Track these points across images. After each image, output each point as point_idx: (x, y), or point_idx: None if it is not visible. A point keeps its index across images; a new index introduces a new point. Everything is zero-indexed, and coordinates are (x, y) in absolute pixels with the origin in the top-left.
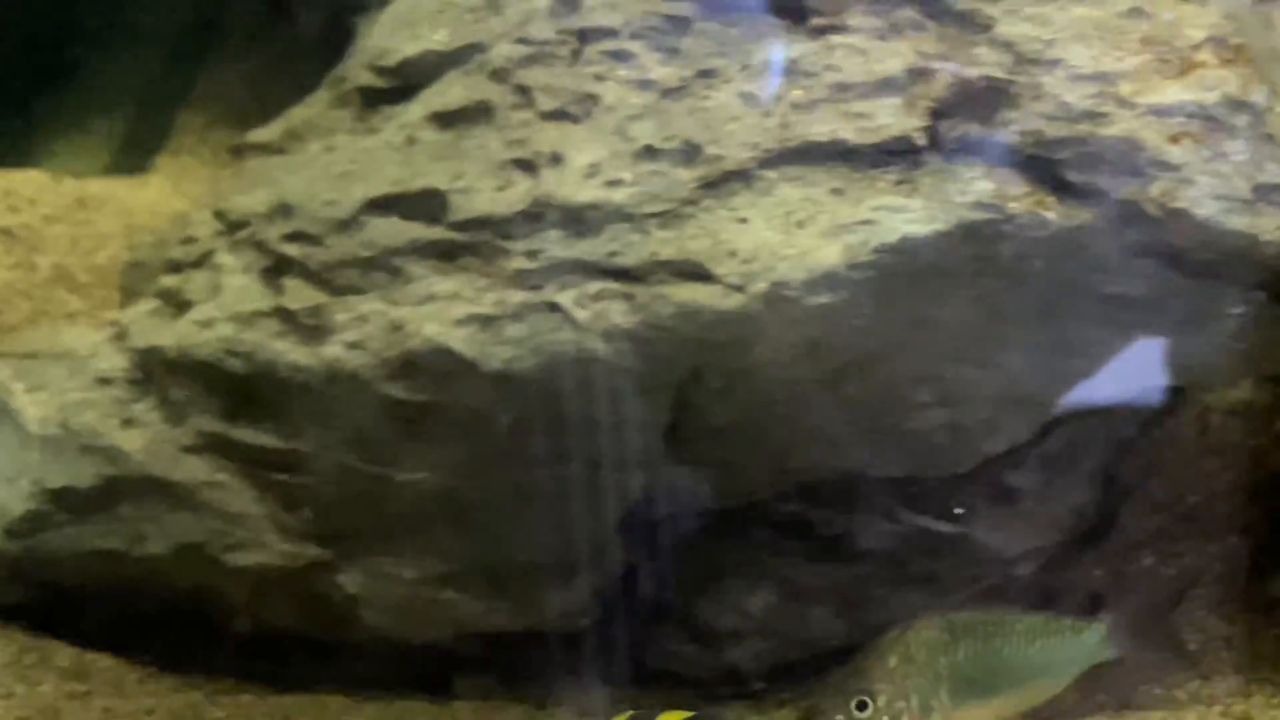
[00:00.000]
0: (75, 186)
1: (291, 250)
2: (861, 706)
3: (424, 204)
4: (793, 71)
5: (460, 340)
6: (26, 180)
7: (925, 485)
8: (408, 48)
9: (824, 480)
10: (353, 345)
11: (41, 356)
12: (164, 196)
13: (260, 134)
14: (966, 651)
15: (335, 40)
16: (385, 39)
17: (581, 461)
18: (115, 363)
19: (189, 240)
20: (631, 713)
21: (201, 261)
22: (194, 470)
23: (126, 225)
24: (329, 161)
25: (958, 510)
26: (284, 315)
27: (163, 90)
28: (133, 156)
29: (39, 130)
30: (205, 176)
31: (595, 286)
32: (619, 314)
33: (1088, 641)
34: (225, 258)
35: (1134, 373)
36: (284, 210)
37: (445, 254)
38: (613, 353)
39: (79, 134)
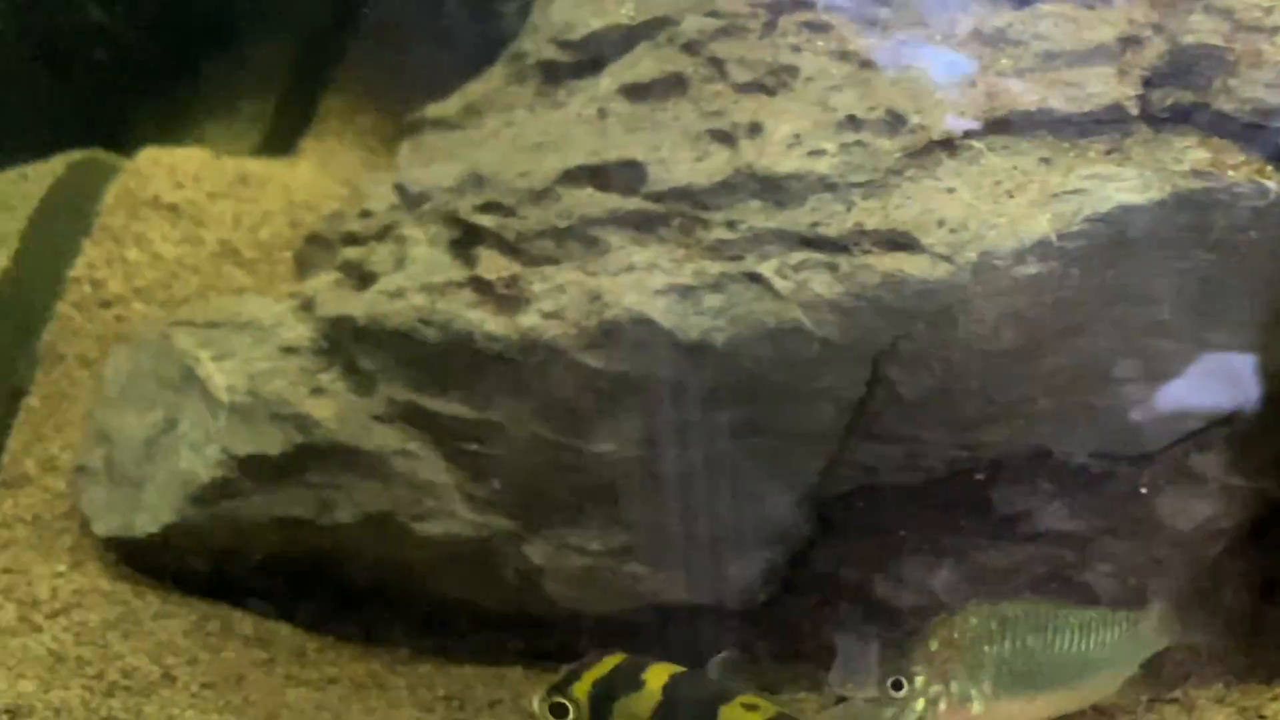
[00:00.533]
0: (235, 164)
1: (485, 221)
2: (897, 686)
3: (621, 174)
4: (999, 40)
5: (659, 310)
6: (189, 157)
7: (1111, 462)
8: (594, 22)
9: (1009, 456)
10: (550, 315)
11: (225, 326)
12: (316, 176)
13: (437, 109)
14: (1015, 642)
15: (477, 22)
16: (569, 13)
17: (770, 434)
18: (300, 332)
19: (367, 214)
20: (623, 656)
21: (383, 234)
22: (384, 439)
23: (288, 203)
24: (516, 134)
25: (1143, 490)
26: (478, 285)
27: (307, 73)
28: (280, 138)
29: (189, 110)
30: (352, 159)
31: (797, 257)
32: (821, 284)
33: (1142, 633)
34: (410, 230)
35: None
36: (475, 181)
37: (643, 224)
38: (814, 323)
39: (227, 115)
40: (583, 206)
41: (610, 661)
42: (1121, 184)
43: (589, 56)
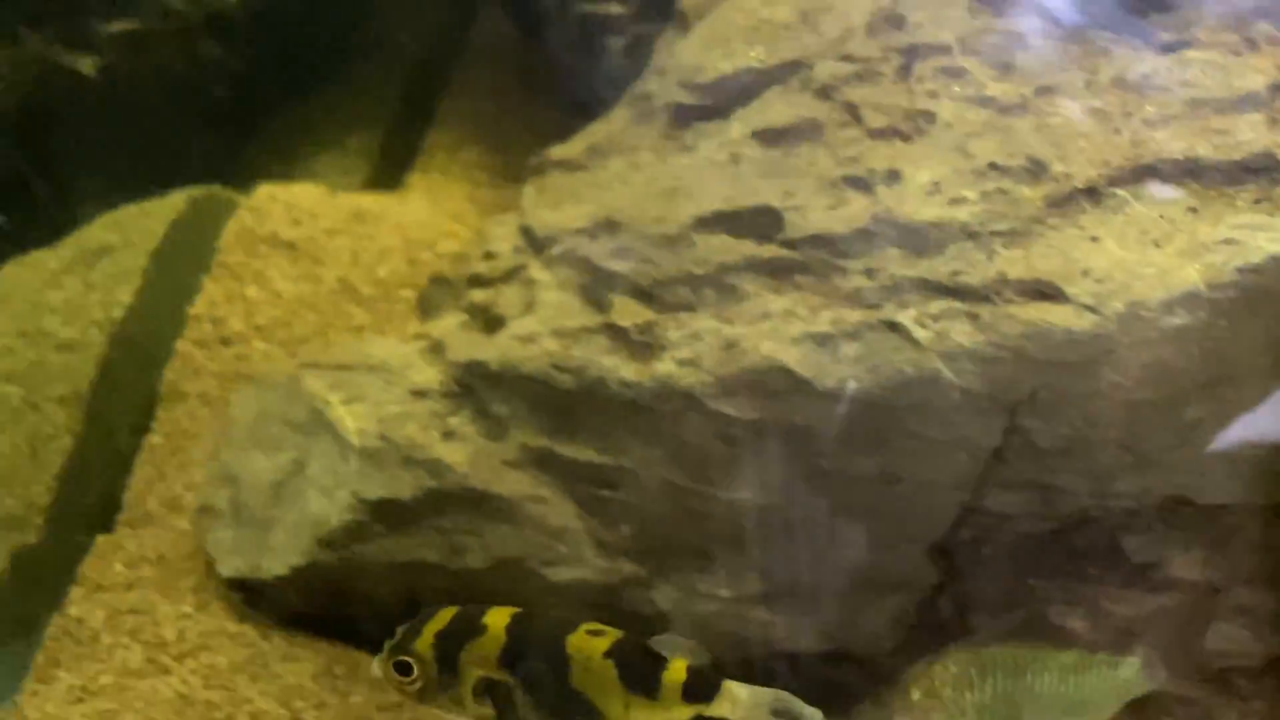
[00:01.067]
0: (350, 201)
1: (619, 267)
2: None
3: (756, 221)
4: (1144, 87)
5: (796, 358)
6: (305, 194)
7: (1248, 513)
8: (723, 65)
9: (1144, 504)
10: (685, 362)
11: (354, 368)
12: (430, 212)
13: (561, 150)
14: (996, 688)
15: (581, 57)
16: (697, 56)
17: (904, 482)
18: (430, 375)
19: (491, 255)
20: (457, 608)
21: (510, 276)
22: (516, 484)
23: (404, 240)
24: (647, 179)
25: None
26: (613, 331)
27: (413, 106)
28: (388, 171)
29: (298, 143)
30: (459, 193)
31: (937, 306)
32: (962, 334)
33: (1123, 676)
34: (538, 273)
35: None
36: (608, 227)
37: (779, 271)
38: (953, 372)
39: (336, 148)
40: (718, 253)
41: (447, 613)
42: (1273, 234)
43: (718, 100)
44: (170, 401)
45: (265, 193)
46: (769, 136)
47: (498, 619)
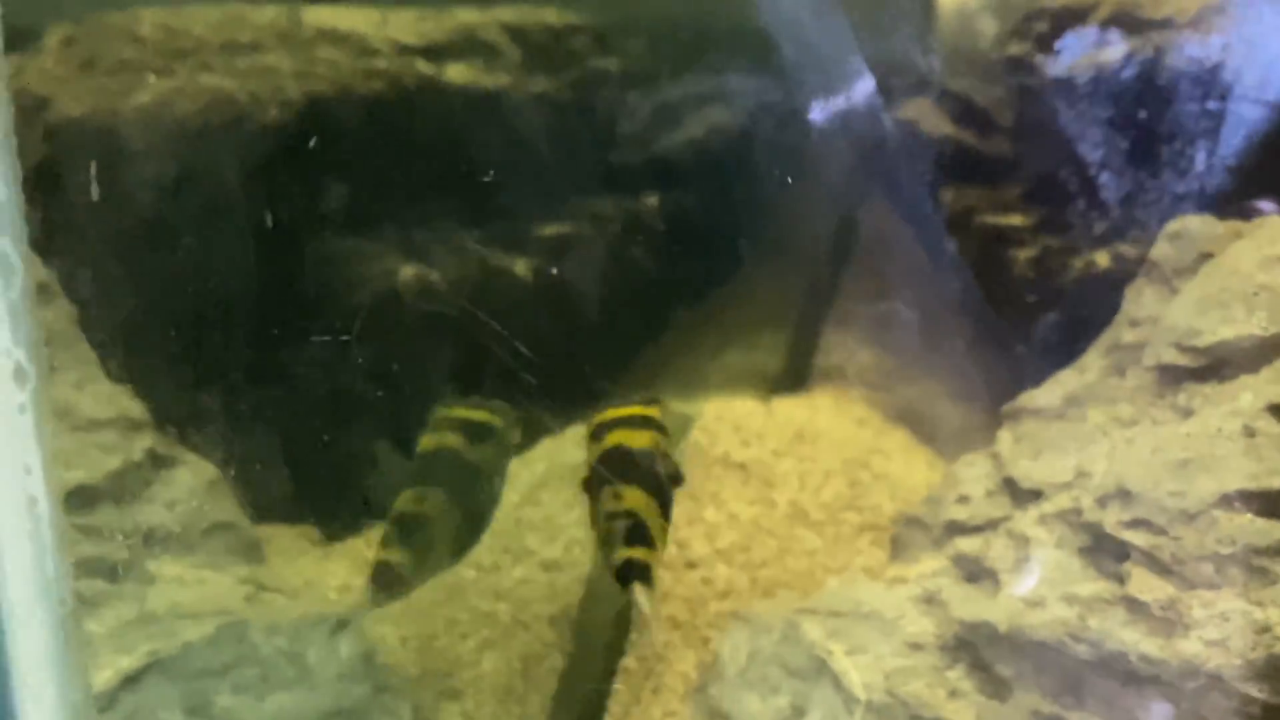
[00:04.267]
0: (787, 416)
1: (1135, 539)
2: None
3: None
4: None
5: None
6: (750, 412)
7: None
8: (1222, 330)
9: None
10: (1212, 643)
11: (848, 615)
12: (844, 423)
13: (1035, 398)
14: None
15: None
16: (1192, 318)
17: None
18: (924, 626)
19: (965, 499)
20: None
21: (993, 526)
22: None
23: (841, 460)
24: (1152, 445)
25: None
26: (1131, 604)
27: (812, 307)
28: (794, 375)
29: (709, 343)
30: (859, 397)
31: None
32: None
33: None
34: (1030, 528)
35: None
36: (1121, 496)
37: None
38: None
39: (744, 349)
40: (1245, 534)
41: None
42: None
43: (1215, 364)
44: (639, 624)
45: (713, 412)
46: None
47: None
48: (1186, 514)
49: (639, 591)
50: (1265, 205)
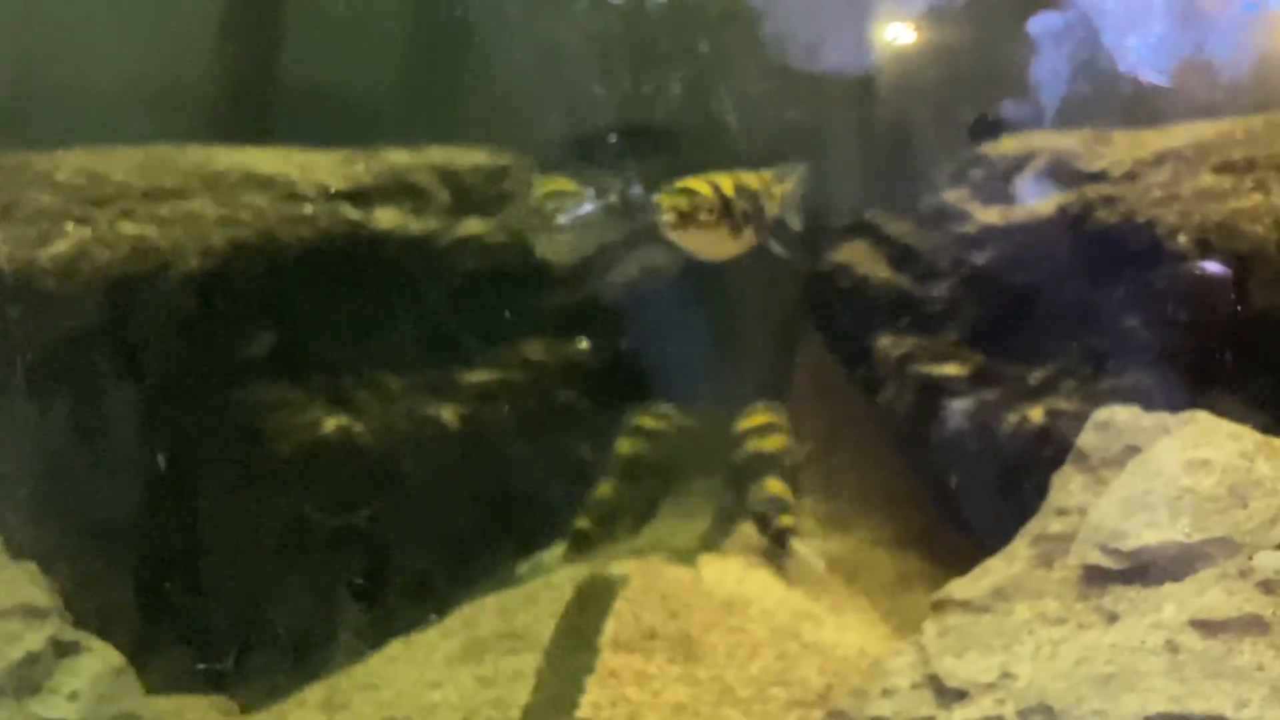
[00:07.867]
0: (719, 586)
1: None
2: None
3: None
4: None
5: None
6: (678, 582)
7: None
8: (1146, 534)
9: None
10: None
11: None
12: (785, 593)
13: (963, 589)
14: None
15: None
16: (1116, 520)
17: None
18: None
19: (889, 692)
20: None
21: None
22: None
23: (770, 630)
24: (1076, 655)
25: None
26: None
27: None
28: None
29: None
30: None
31: None
32: None
33: None
34: None
35: None
36: (1044, 711)
37: None
38: None
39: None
40: None
41: None
42: None
43: (1139, 567)
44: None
45: (639, 582)
46: (1208, 627)
47: None
48: None
49: (797, 544)
50: None
